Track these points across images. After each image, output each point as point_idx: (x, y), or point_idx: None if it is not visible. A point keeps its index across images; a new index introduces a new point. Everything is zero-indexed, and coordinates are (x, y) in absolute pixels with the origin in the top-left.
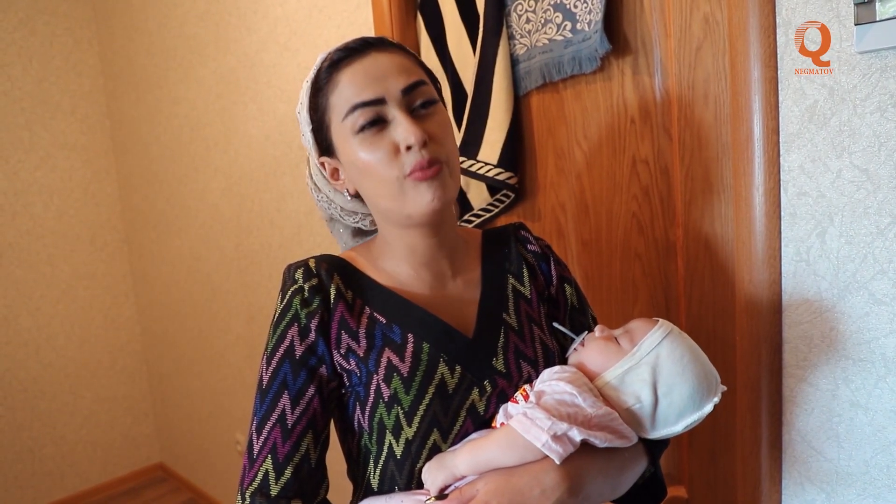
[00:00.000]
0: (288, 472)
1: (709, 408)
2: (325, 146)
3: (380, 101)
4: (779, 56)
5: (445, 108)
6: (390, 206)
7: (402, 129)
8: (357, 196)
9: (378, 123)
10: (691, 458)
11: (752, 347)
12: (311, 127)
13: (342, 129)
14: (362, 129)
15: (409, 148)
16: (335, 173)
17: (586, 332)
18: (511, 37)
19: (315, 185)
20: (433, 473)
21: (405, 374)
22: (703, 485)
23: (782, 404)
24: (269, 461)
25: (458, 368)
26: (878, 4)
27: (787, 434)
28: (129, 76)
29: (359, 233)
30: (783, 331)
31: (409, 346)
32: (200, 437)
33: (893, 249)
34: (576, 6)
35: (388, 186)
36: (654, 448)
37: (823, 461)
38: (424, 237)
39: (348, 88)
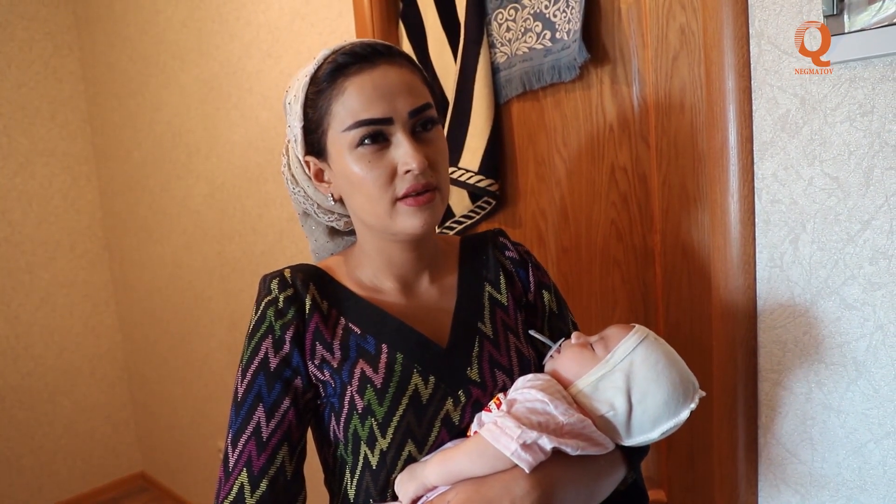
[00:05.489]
0: (263, 485)
1: (685, 414)
2: (315, 148)
3: (387, 121)
4: (752, 66)
5: (443, 125)
6: (375, 223)
7: (405, 152)
8: (340, 201)
9: (379, 141)
10: (670, 462)
11: (728, 352)
12: (302, 124)
13: (341, 138)
14: (362, 143)
15: (407, 171)
16: (320, 174)
17: (563, 339)
18: (492, 45)
19: (293, 177)
20: (405, 484)
21: (379, 386)
22: (681, 488)
23: (758, 408)
24: (244, 474)
25: (431, 379)
26: (846, 17)
27: (762, 437)
28: (111, 82)
29: (333, 232)
30: (758, 335)
31: (383, 357)
32: (182, 446)
33: (863, 255)
34: (555, 15)
35: (378, 206)
36: (632, 455)
37: (798, 464)
38: (404, 250)
39: (355, 100)
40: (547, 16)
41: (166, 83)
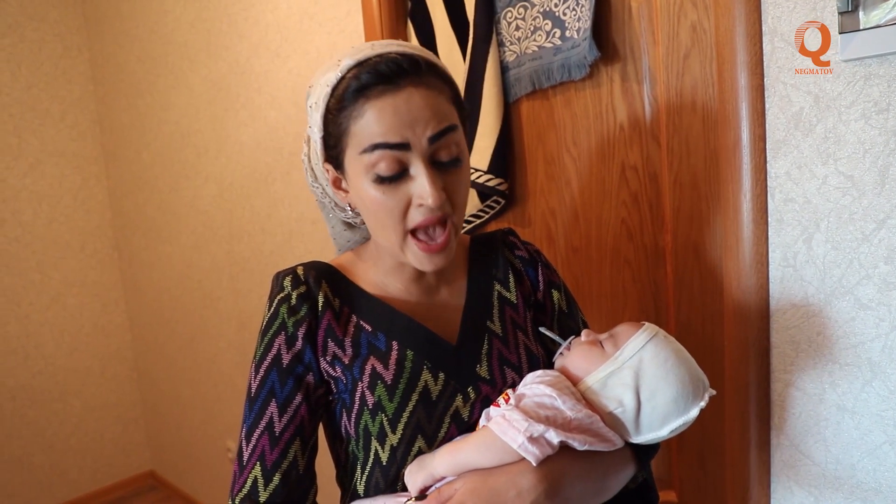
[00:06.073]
0: (276, 479)
1: (695, 412)
2: (334, 161)
3: (404, 146)
4: (765, 64)
5: (465, 133)
6: (387, 247)
7: (422, 187)
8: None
9: (396, 177)
10: (681, 463)
11: (740, 352)
12: (322, 134)
13: (358, 161)
14: (380, 181)
15: (421, 205)
16: (338, 182)
17: (573, 336)
18: (501, 44)
19: (312, 170)
20: (413, 475)
21: (389, 382)
22: (692, 489)
23: (770, 408)
24: (257, 468)
25: (441, 375)
26: (861, 14)
27: (775, 438)
28: (120, 83)
29: (349, 225)
30: (771, 335)
31: (394, 354)
32: (191, 445)
33: (878, 255)
34: (565, 14)
35: (390, 235)
36: (642, 453)
37: (811, 465)
38: None
39: (374, 125)
40: (556, 14)
41: (175, 84)
